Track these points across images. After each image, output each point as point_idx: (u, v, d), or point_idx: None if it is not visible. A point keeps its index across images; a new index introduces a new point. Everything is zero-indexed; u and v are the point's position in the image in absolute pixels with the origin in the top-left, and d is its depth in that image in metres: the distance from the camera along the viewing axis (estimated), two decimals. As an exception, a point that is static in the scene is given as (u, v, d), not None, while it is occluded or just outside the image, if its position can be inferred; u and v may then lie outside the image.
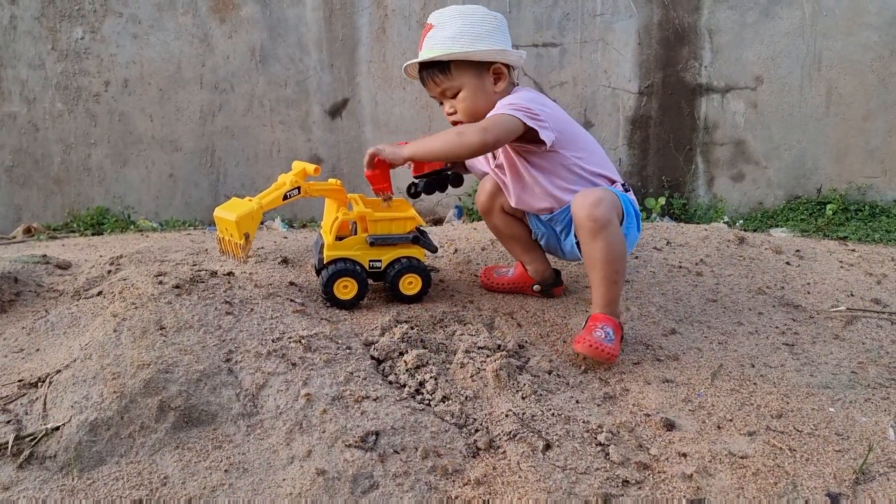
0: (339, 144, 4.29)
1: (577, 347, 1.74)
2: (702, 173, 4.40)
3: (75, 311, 1.87)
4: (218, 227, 1.74)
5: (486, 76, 1.89)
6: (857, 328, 2.13)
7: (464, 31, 1.84)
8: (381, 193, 1.93)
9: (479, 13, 1.87)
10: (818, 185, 4.40)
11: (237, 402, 1.51)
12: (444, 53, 1.84)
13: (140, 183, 4.23)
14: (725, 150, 4.36)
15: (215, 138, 4.23)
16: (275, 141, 4.27)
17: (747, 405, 1.70)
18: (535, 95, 1.91)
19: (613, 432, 1.55)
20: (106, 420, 1.42)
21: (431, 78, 1.91)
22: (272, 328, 1.71)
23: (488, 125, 1.77)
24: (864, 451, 1.54)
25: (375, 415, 1.49)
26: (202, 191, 4.28)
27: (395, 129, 4.28)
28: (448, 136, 1.82)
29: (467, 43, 1.84)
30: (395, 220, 1.93)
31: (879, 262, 2.65)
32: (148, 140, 4.20)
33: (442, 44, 1.85)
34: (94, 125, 4.17)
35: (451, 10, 1.87)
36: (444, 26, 1.86)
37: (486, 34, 1.85)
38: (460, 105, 1.91)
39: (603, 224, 1.73)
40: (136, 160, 4.21)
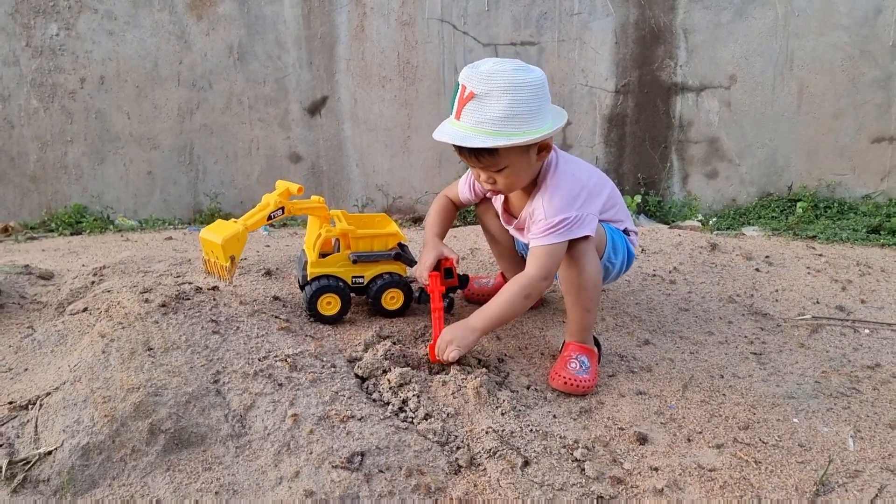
0: (318, 142, 4.31)
1: (554, 383, 1.80)
2: (677, 171, 4.48)
3: (62, 328, 1.90)
4: (203, 248, 1.78)
5: (531, 151, 1.76)
6: (822, 336, 2.22)
7: (514, 112, 1.64)
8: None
9: (528, 84, 1.66)
10: (789, 183, 4.50)
11: (226, 423, 1.55)
12: (496, 141, 1.65)
13: (118, 181, 4.22)
14: (700, 148, 4.45)
15: (194, 136, 4.22)
16: (254, 139, 4.27)
17: (716, 417, 1.78)
18: (571, 183, 1.80)
19: (589, 447, 1.62)
20: (98, 444, 1.46)
21: (474, 156, 1.74)
22: (258, 347, 1.76)
23: (545, 272, 1.74)
24: (824, 463, 1.62)
25: (361, 434, 1.54)
26: (181, 188, 4.27)
27: (375, 126, 4.30)
28: (517, 301, 1.77)
29: (519, 125, 1.65)
30: (377, 237, 1.97)
31: (845, 268, 2.74)
32: (125, 138, 4.17)
33: (490, 125, 1.65)
34: (70, 122, 4.13)
35: (497, 80, 1.64)
36: (490, 101, 1.64)
37: (537, 111, 1.68)
38: (503, 181, 1.79)
39: (579, 253, 1.76)
40: (113, 158, 4.19)
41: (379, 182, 4.39)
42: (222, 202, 4.29)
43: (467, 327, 1.78)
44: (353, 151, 4.34)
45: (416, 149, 4.34)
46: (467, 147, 1.70)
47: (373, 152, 4.34)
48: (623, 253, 1.91)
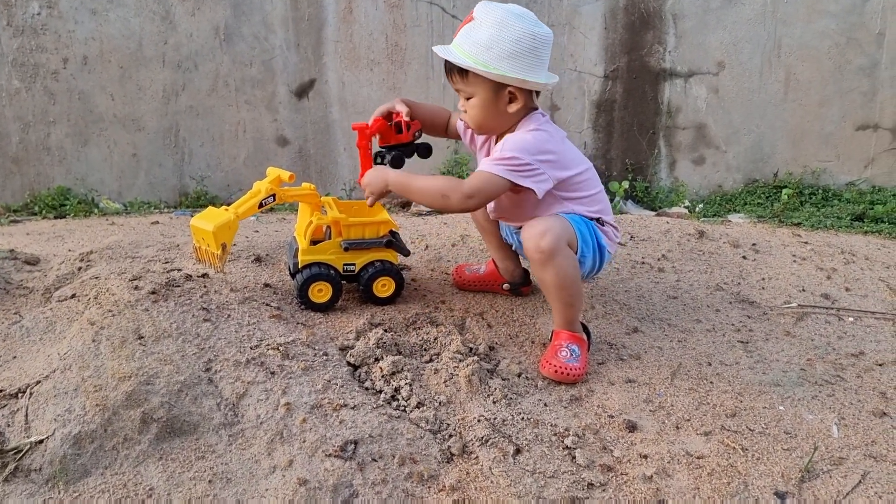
0: (305, 125, 4.27)
1: (544, 371, 1.81)
2: (664, 157, 4.50)
3: (50, 315, 1.88)
4: (194, 236, 1.76)
5: (501, 94, 1.81)
6: (808, 324, 2.25)
7: (494, 44, 1.73)
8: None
9: (518, 29, 1.73)
10: (775, 170, 4.53)
11: (218, 411, 1.55)
12: (466, 61, 1.76)
13: (102, 162, 4.17)
14: (687, 135, 4.46)
15: (179, 118, 4.17)
16: (240, 121, 4.23)
17: (704, 404, 1.80)
18: (541, 141, 1.82)
19: (579, 435, 1.63)
20: (90, 433, 1.46)
21: (450, 74, 1.85)
22: (250, 335, 1.75)
23: (473, 190, 1.76)
24: (809, 450, 1.65)
25: (353, 423, 1.55)
26: (166, 171, 4.23)
27: (363, 109, 4.27)
28: (433, 192, 1.82)
29: (493, 58, 1.74)
30: (368, 225, 1.97)
31: (830, 256, 2.77)
32: (109, 119, 4.12)
33: (471, 47, 1.76)
34: (52, 103, 4.07)
35: (497, 13, 1.74)
36: (481, 28, 1.75)
37: (515, 54, 1.74)
38: (471, 111, 1.86)
39: (549, 254, 1.75)
40: (97, 139, 4.13)
41: (367, 166, 4.37)
42: (208, 185, 4.25)
43: (383, 178, 1.89)
44: (341, 135, 4.31)
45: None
46: (445, 63, 1.83)
47: (361, 136, 4.31)
48: (592, 243, 1.87)
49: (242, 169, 4.28)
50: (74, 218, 3.62)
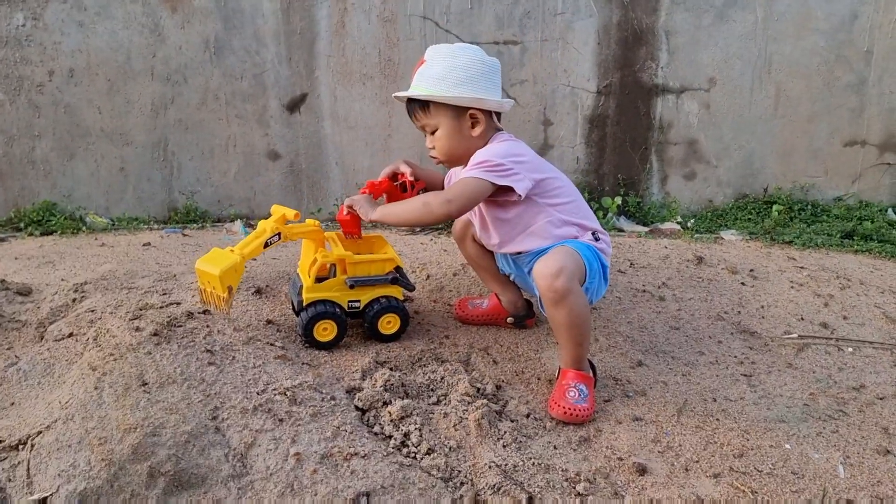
0: (297, 140, 4.23)
1: (554, 413, 1.81)
2: (656, 172, 4.51)
3: (48, 356, 1.84)
4: (199, 279, 1.73)
5: (463, 119, 1.93)
6: (808, 355, 2.26)
7: (448, 74, 1.88)
8: (350, 236, 1.96)
9: (468, 57, 1.89)
10: (765, 185, 4.56)
11: (227, 462, 1.52)
12: (424, 94, 1.90)
13: (89, 177, 4.09)
14: (679, 150, 4.48)
15: (168, 132, 4.11)
16: (231, 135, 4.17)
17: (711, 444, 1.80)
18: (509, 147, 1.92)
19: (590, 480, 1.62)
20: (95, 489, 1.42)
21: (414, 112, 1.98)
22: (256, 379, 1.72)
23: (453, 195, 1.83)
24: (818, 491, 1.66)
25: (365, 473, 1.53)
26: (155, 185, 4.17)
27: (355, 124, 4.23)
28: (415, 206, 1.88)
29: (448, 86, 1.88)
30: (374, 263, 1.94)
31: (826, 281, 2.79)
32: (96, 133, 4.05)
33: (426, 82, 1.90)
34: (37, 116, 3.99)
35: (444, 50, 1.92)
36: (433, 64, 1.91)
37: (468, 80, 1.88)
38: (437, 143, 1.98)
39: (563, 294, 1.76)
40: (84, 153, 4.06)
41: (359, 181, 4.34)
42: (198, 200, 4.20)
43: (370, 205, 1.98)
44: (333, 150, 4.27)
45: (397, 147, 4.29)
46: (409, 102, 1.96)
47: (353, 151, 4.29)
48: (598, 268, 1.89)
49: (233, 184, 4.23)
50: (62, 236, 3.55)
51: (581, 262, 1.85)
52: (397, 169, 2.10)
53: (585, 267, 1.86)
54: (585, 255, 1.87)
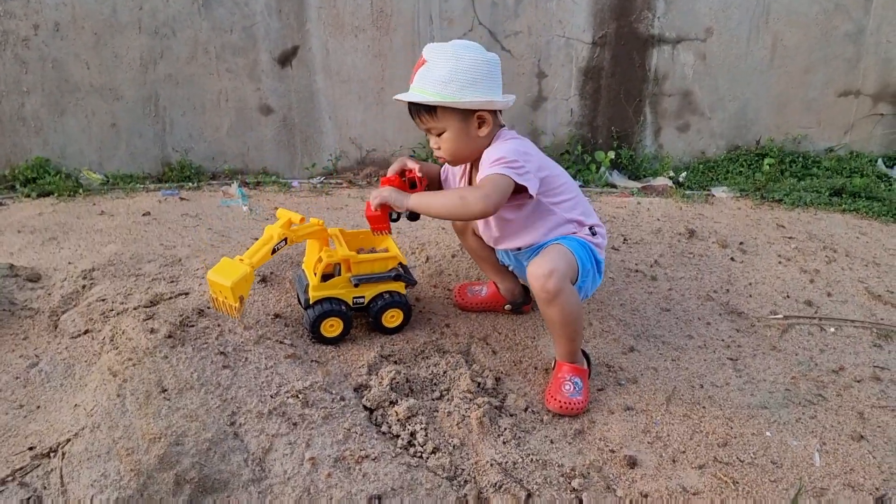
0: (289, 94, 4.19)
1: (550, 406, 1.91)
2: (649, 124, 4.51)
3: (67, 356, 1.91)
4: (212, 289, 1.78)
5: (470, 121, 1.93)
6: (792, 336, 2.37)
7: (453, 77, 1.85)
8: (379, 233, 1.96)
9: (471, 58, 1.87)
10: (758, 137, 4.59)
11: (246, 467, 1.63)
12: (431, 99, 1.87)
13: (80, 133, 4.06)
14: (673, 102, 4.47)
15: (158, 87, 4.06)
16: (222, 90, 4.12)
17: (697, 433, 1.92)
18: (518, 144, 1.94)
19: (584, 475, 1.75)
20: (126, 498, 1.52)
21: (419, 115, 1.95)
22: (269, 381, 1.81)
23: (488, 191, 1.81)
24: (794, 480, 1.79)
25: (376, 476, 1.64)
26: (147, 141, 4.14)
27: (348, 78, 4.19)
28: (452, 200, 1.85)
29: (455, 90, 1.85)
30: (377, 261, 2.00)
31: (812, 254, 2.88)
32: (86, 88, 3.99)
33: (431, 86, 1.87)
34: (25, 72, 3.92)
35: (446, 51, 1.87)
36: (436, 67, 1.87)
37: (474, 81, 1.86)
38: (444, 145, 1.96)
39: (554, 294, 1.82)
40: (74, 109, 4.01)
41: (352, 135, 4.33)
42: (192, 157, 4.18)
43: (401, 194, 1.94)
44: (326, 104, 4.24)
45: (390, 101, 4.25)
46: (412, 106, 1.93)
47: (346, 104, 4.25)
48: (591, 266, 1.97)
49: (226, 139, 4.21)
50: (59, 199, 3.56)
51: (573, 261, 1.91)
52: (405, 165, 2.10)
53: (578, 266, 1.92)
54: (579, 255, 1.93)
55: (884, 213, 3.68)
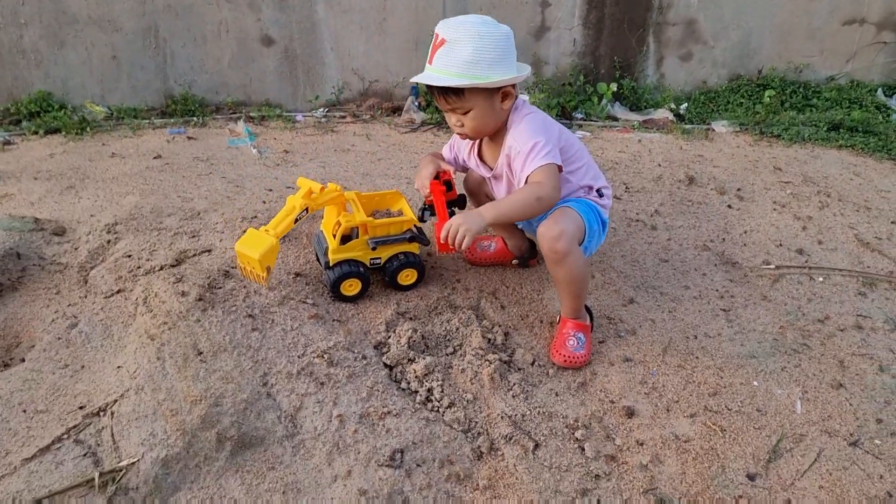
0: (290, 24, 4.14)
1: (555, 360, 2.06)
2: (652, 53, 4.50)
3: (104, 317, 2.04)
4: (240, 259, 1.88)
5: (495, 97, 1.94)
6: (782, 286, 2.51)
7: (479, 57, 1.83)
8: (445, 252, 1.96)
9: (494, 35, 1.85)
10: (760, 66, 4.59)
11: (280, 424, 1.79)
12: (463, 81, 1.84)
13: (81, 66, 4.04)
14: (677, 31, 4.44)
15: (157, 18, 4.01)
16: (222, 20, 4.08)
17: (690, 383, 2.09)
18: (541, 121, 1.97)
19: (587, 425, 1.92)
20: (175, 455, 1.69)
21: (443, 97, 1.92)
22: (295, 342, 1.95)
23: (552, 183, 1.88)
24: (777, 427, 1.97)
25: (398, 431, 1.80)
26: (149, 73, 4.13)
27: (349, 7, 4.13)
28: (528, 201, 1.87)
29: (483, 70, 1.84)
30: (393, 224, 2.10)
31: (806, 200, 2.98)
32: (84, 20, 3.94)
33: (456, 67, 1.84)
34: (21, 3, 3.86)
35: (466, 28, 1.84)
36: (458, 46, 1.83)
37: (500, 59, 1.86)
38: (469, 123, 1.96)
39: (563, 255, 1.93)
40: (73, 41, 3.98)
41: (354, 66, 4.31)
42: (194, 89, 4.18)
43: (477, 213, 1.89)
44: (328, 34, 4.20)
45: (392, 31, 4.22)
46: (437, 87, 1.89)
47: (348, 35, 4.22)
48: (598, 224, 2.08)
49: (227, 71, 4.20)
50: (66, 137, 3.60)
51: (581, 223, 2.02)
52: (438, 167, 2.12)
53: (585, 228, 2.03)
54: (586, 217, 2.04)
55: (879, 149, 3.76)
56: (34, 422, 1.78)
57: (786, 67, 4.57)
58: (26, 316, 2.17)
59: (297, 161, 3.27)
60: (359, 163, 3.28)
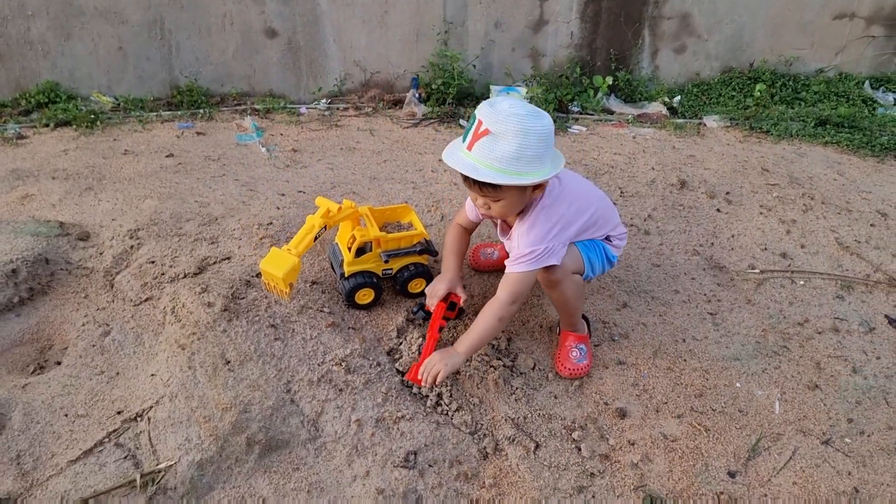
0: (294, 17, 4.21)
1: (562, 373, 2.22)
2: (647, 46, 4.60)
3: (134, 325, 2.19)
4: (264, 277, 2.03)
5: (529, 188, 1.93)
6: (766, 290, 2.68)
7: (522, 154, 1.79)
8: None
9: (538, 131, 1.80)
10: (752, 59, 4.70)
11: (303, 428, 1.95)
12: (502, 179, 1.81)
13: (88, 57, 4.11)
14: (672, 24, 4.54)
15: (163, 10, 4.07)
16: (227, 13, 4.14)
17: (678, 385, 2.26)
18: (546, 221, 1.99)
19: (583, 426, 2.09)
20: (209, 458, 1.85)
21: (478, 186, 1.89)
22: (315, 350, 2.11)
23: (515, 296, 2.00)
24: (757, 427, 2.15)
25: (411, 434, 1.97)
26: (154, 65, 4.21)
27: (351, 1, 4.20)
28: (491, 327, 2.02)
29: (524, 166, 1.81)
30: (404, 238, 2.25)
31: (791, 203, 3.14)
32: (90, 12, 4.00)
33: (498, 162, 1.80)
34: (28, -5, 3.92)
35: (512, 123, 1.78)
36: (503, 141, 1.79)
37: (541, 155, 1.83)
38: (497, 209, 1.97)
39: (556, 283, 2.07)
40: (80, 33, 4.05)
41: (356, 58, 4.40)
42: (199, 80, 4.26)
43: (454, 352, 2.02)
44: (330, 26, 4.28)
45: (394, 24, 4.30)
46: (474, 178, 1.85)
47: (350, 27, 4.30)
48: (601, 262, 2.21)
49: (232, 62, 4.28)
50: (77, 131, 3.70)
51: (580, 259, 2.15)
52: (454, 290, 2.20)
53: (584, 263, 2.16)
54: (586, 254, 2.16)
55: (863, 146, 3.91)
56: (76, 426, 1.94)
57: (777, 60, 4.69)
58: (57, 319, 2.32)
59: (306, 161, 3.38)
60: (366, 165, 3.40)
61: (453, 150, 1.93)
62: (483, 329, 2.04)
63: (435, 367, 1.99)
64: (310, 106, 4.34)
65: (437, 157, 3.53)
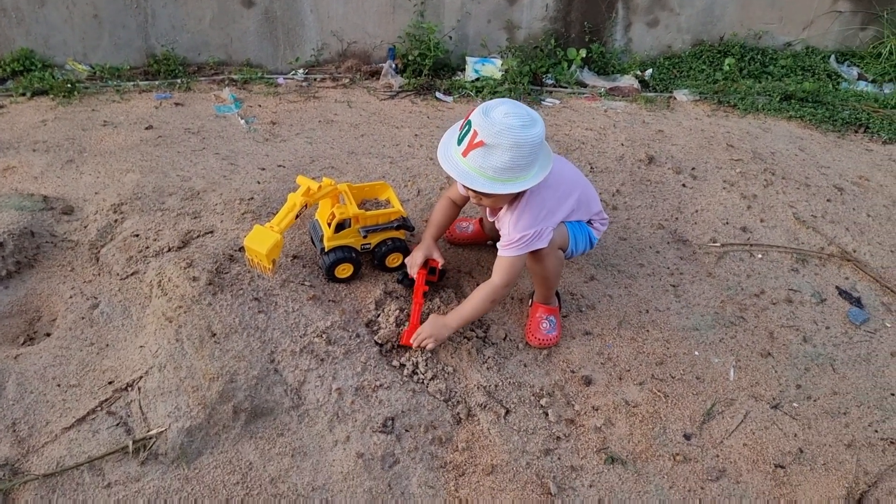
0: (271, -14, 4.21)
1: (531, 342, 2.35)
2: (621, 20, 4.67)
3: (122, 298, 2.27)
4: (248, 252, 2.11)
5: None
6: (726, 263, 2.82)
7: (513, 165, 1.90)
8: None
9: (531, 142, 1.89)
10: (723, 33, 4.79)
11: (286, 397, 2.07)
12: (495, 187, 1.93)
13: (62, 24, 4.09)
14: (645, -3, 4.60)
15: (138, -23, 4.05)
16: (203, -19, 4.13)
17: (641, 354, 2.41)
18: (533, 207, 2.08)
19: (550, 394, 2.23)
20: (197, 426, 1.96)
21: (471, 189, 2.01)
22: (297, 322, 2.21)
23: (507, 279, 2.13)
24: (712, 393, 2.31)
25: (389, 401, 2.10)
26: (130, 32, 4.19)
27: (329, -30, 4.21)
28: (483, 304, 2.18)
29: (516, 173, 1.93)
30: (381, 214, 2.34)
31: (753, 178, 3.27)
32: (64, -22, 3.97)
33: (492, 171, 1.91)
34: (0, -39, 3.87)
35: (506, 136, 1.86)
36: (497, 153, 1.88)
37: (532, 162, 1.94)
38: (488, 202, 2.09)
39: (543, 256, 2.19)
40: (54, 0, 4.01)
41: (333, 28, 4.42)
42: (176, 49, 4.26)
43: (444, 324, 2.20)
44: (308, -4, 4.28)
45: (372, -6, 4.32)
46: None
47: (327, -3, 4.31)
48: (585, 241, 2.34)
49: (209, 30, 4.28)
50: (55, 100, 3.70)
51: (566, 234, 2.26)
52: (430, 255, 2.35)
53: (569, 237, 2.27)
54: (573, 232, 2.28)
55: (825, 120, 4.05)
56: (68, 395, 2.03)
57: (746, 34, 4.79)
58: (45, 292, 2.39)
59: (285, 135, 3.43)
60: (343, 139, 3.47)
61: (447, 149, 2.02)
62: (475, 308, 2.21)
63: (426, 339, 2.19)
64: (287, 76, 4.36)
65: (414, 131, 3.61)
